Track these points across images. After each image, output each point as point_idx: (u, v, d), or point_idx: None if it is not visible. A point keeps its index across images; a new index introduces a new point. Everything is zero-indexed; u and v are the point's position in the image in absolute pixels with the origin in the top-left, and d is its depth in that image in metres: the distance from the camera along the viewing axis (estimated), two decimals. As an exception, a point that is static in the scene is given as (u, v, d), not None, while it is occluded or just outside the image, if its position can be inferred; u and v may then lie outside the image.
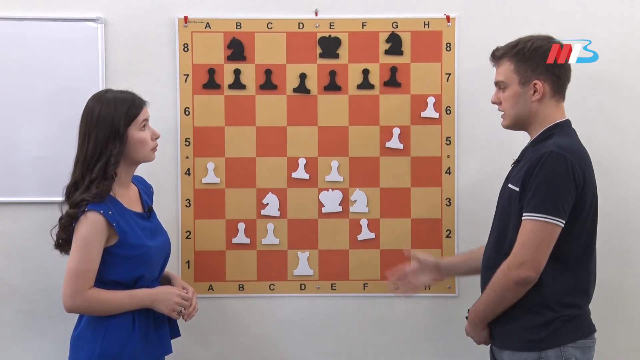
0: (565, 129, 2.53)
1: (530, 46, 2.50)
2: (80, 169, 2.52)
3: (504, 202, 2.56)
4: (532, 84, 2.50)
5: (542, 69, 2.50)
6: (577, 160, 2.43)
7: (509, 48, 2.54)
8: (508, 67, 2.53)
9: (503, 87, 2.56)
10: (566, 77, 2.55)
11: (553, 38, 2.55)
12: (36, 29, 3.02)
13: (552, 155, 2.39)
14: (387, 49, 3.07)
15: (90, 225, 2.47)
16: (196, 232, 3.11)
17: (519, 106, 2.54)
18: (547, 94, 2.51)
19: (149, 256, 2.58)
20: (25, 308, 3.10)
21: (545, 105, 2.52)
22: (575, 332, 2.48)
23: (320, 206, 3.11)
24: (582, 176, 2.43)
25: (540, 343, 2.46)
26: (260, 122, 3.09)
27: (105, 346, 2.51)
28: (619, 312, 3.14)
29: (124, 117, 2.53)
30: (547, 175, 2.39)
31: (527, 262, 2.40)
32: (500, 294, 2.47)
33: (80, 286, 2.48)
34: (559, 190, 2.39)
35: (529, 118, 2.54)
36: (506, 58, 2.54)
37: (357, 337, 3.16)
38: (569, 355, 2.45)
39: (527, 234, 2.40)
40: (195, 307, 2.69)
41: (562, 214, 2.39)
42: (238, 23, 3.06)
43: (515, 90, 2.53)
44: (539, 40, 2.52)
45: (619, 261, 3.13)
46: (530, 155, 2.49)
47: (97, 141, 2.50)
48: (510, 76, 2.53)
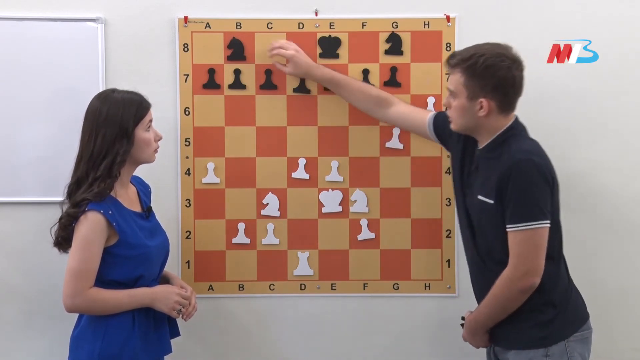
0: (518, 131, 2.58)
1: (482, 63, 2.48)
2: (84, 166, 2.52)
3: (478, 213, 2.60)
4: (478, 100, 2.51)
5: (489, 89, 2.50)
6: (544, 160, 2.50)
7: (462, 60, 2.52)
8: (458, 78, 2.54)
9: (453, 95, 2.58)
10: (515, 95, 2.56)
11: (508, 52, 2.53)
12: (36, 29, 3.01)
13: (522, 164, 2.45)
14: (387, 49, 3.07)
15: (91, 225, 2.48)
16: (196, 232, 3.11)
17: (465, 118, 2.57)
18: (493, 111, 2.53)
19: (148, 256, 2.59)
20: (25, 308, 3.10)
21: (492, 119, 2.55)
22: (576, 321, 2.57)
23: (320, 206, 3.11)
24: (551, 175, 2.50)
25: (546, 340, 2.52)
26: (260, 122, 3.09)
27: (105, 346, 2.52)
28: (619, 312, 3.14)
29: (133, 117, 2.55)
30: (524, 185, 2.44)
31: (529, 271, 2.46)
32: (505, 304, 2.53)
33: (81, 286, 2.48)
34: (539, 195, 2.45)
35: (475, 128, 2.59)
36: (458, 69, 2.54)
37: (357, 337, 3.16)
38: (571, 350, 2.52)
39: (521, 244, 2.46)
40: (194, 307, 2.70)
41: (547, 215, 2.46)
42: (238, 23, 3.06)
43: (462, 103, 2.55)
44: (492, 57, 2.49)
45: (619, 261, 3.13)
46: (491, 165, 2.54)
47: (105, 139, 2.51)
48: (460, 88, 2.54)
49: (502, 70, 2.49)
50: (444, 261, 3.13)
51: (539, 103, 3.07)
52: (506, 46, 2.56)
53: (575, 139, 3.09)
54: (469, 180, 2.66)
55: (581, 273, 2.78)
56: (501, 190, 2.47)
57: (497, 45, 2.55)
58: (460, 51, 2.57)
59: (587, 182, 3.10)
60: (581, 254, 3.06)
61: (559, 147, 3.06)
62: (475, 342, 2.69)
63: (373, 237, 3.13)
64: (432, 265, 3.13)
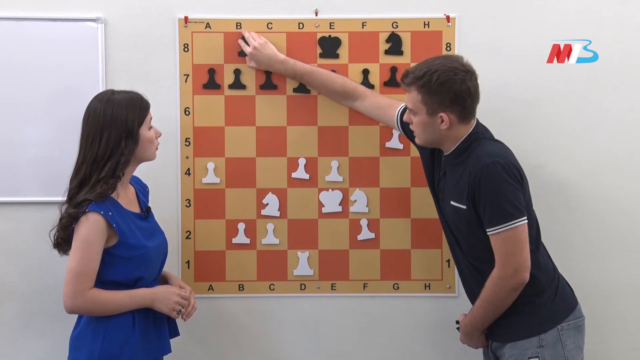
0: (480, 135, 2.61)
1: (436, 80, 2.51)
2: (88, 169, 2.52)
3: (453, 218, 2.64)
4: (438, 115, 2.54)
5: (447, 103, 2.53)
6: (509, 160, 2.54)
7: (416, 78, 2.55)
8: (416, 96, 2.56)
9: (413, 113, 2.61)
10: (473, 104, 2.59)
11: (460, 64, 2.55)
12: (36, 29, 3.01)
13: (489, 167, 2.49)
14: (387, 49, 3.07)
15: (91, 225, 2.48)
16: (196, 232, 3.11)
17: (428, 133, 2.61)
18: (454, 122, 2.57)
19: (148, 256, 2.59)
20: (25, 308, 3.10)
21: (454, 130, 2.59)
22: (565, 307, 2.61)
23: (320, 206, 3.11)
24: (518, 172, 2.54)
25: (538, 328, 2.56)
26: (260, 122, 3.09)
27: (106, 346, 2.52)
28: (619, 312, 3.14)
29: (137, 117, 2.56)
30: (495, 188, 2.49)
31: (519, 268, 2.50)
32: (497, 304, 2.57)
33: (81, 286, 2.48)
34: (511, 194, 2.49)
35: (440, 140, 2.62)
36: (414, 87, 2.56)
37: (357, 337, 3.16)
38: (565, 338, 2.56)
39: (504, 244, 2.50)
40: (193, 306, 2.71)
41: (523, 212, 2.51)
42: (238, 23, 3.06)
43: (423, 119, 2.58)
44: (445, 72, 2.52)
45: (618, 261, 3.13)
46: (458, 170, 2.58)
47: (110, 141, 2.51)
48: (419, 106, 2.57)
49: (457, 84, 2.52)
50: (444, 261, 3.13)
51: (539, 103, 3.07)
52: (457, 57, 2.60)
53: (575, 139, 3.09)
54: (439, 186, 2.71)
55: (580, 273, 2.78)
56: (473, 195, 2.52)
57: (448, 59, 2.59)
58: (413, 69, 2.59)
59: (587, 182, 3.10)
60: (581, 253, 3.06)
61: (559, 147, 3.07)
62: (473, 343, 2.72)
63: (373, 237, 3.13)
64: (432, 265, 3.13)
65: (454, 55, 2.63)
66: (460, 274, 2.77)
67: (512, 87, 3.07)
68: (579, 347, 2.61)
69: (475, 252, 2.62)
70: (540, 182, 3.00)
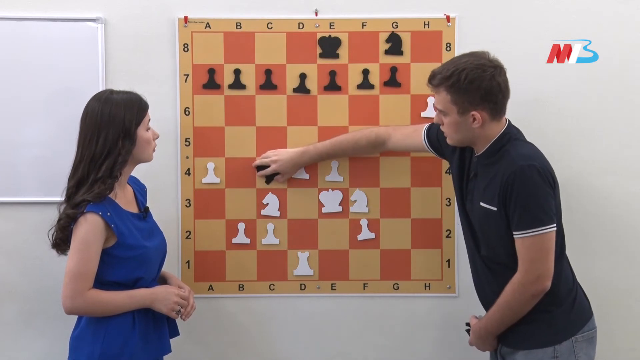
0: (514, 135, 2.58)
1: (465, 78, 2.48)
2: (85, 168, 2.52)
3: (481, 220, 2.60)
4: (470, 114, 2.52)
5: (478, 100, 2.50)
6: (544, 164, 2.51)
7: (444, 78, 2.52)
8: (445, 97, 2.53)
9: (443, 114, 2.58)
10: (504, 99, 2.56)
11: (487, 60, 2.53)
12: (36, 29, 3.01)
13: (525, 170, 2.46)
14: (387, 49, 3.07)
15: (89, 226, 2.48)
16: (196, 232, 3.11)
17: (460, 132, 2.58)
18: (487, 120, 2.54)
19: (147, 257, 2.59)
20: (24, 308, 3.10)
21: (487, 128, 2.55)
22: (581, 319, 2.59)
23: (320, 206, 3.11)
24: (552, 177, 2.51)
25: (553, 338, 2.54)
26: (260, 122, 3.09)
27: (106, 346, 2.52)
28: (619, 312, 3.14)
29: (135, 117, 2.56)
30: (529, 191, 2.45)
31: (541, 275, 2.47)
32: (516, 309, 2.54)
33: (80, 287, 2.48)
34: (544, 199, 2.46)
35: (472, 139, 2.59)
36: (442, 88, 2.53)
37: (357, 337, 3.16)
38: (578, 350, 2.54)
39: (531, 249, 2.46)
40: (192, 306, 2.70)
41: (553, 219, 2.48)
42: (238, 23, 3.06)
43: (455, 119, 2.55)
44: (473, 70, 2.49)
45: (619, 261, 3.13)
46: (491, 171, 2.54)
47: (107, 140, 2.51)
48: (449, 106, 2.54)
49: (486, 81, 2.49)
50: (444, 261, 3.13)
51: (539, 103, 3.07)
52: (483, 53, 2.56)
53: (575, 139, 3.09)
54: (468, 187, 2.67)
55: (581, 273, 2.77)
56: (505, 197, 2.48)
57: (474, 56, 2.55)
58: (440, 69, 2.55)
59: (587, 182, 3.10)
60: (581, 254, 3.05)
61: (559, 147, 3.07)
62: (485, 346, 2.70)
63: (373, 237, 3.13)
64: (432, 265, 3.13)
65: (480, 52, 2.57)
66: (476, 279, 2.73)
67: (512, 87, 3.04)
68: (590, 358, 2.59)
69: (496, 257, 2.58)
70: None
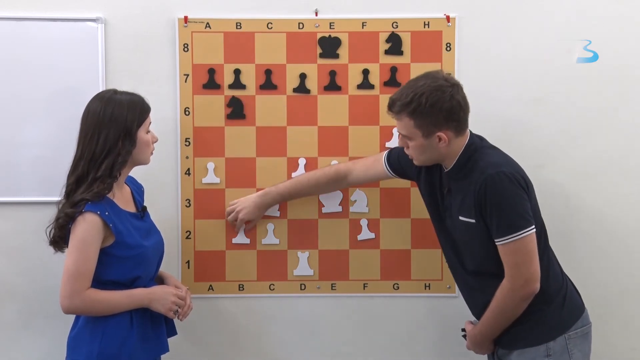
0: (478, 144, 2.59)
1: (426, 102, 2.48)
2: (85, 165, 2.52)
3: (462, 234, 2.60)
4: (435, 136, 2.52)
5: (442, 122, 2.51)
6: (513, 169, 2.51)
7: (404, 105, 2.51)
8: (408, 122, 2.54)
9: (407, 138, 2.58)
10: (465, 115, 2.57)
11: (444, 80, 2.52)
12: (36, 29, 3.01)
13: (494, 178, 2.46)
14: (387, 49, 3.07)
15: (87, 226, 2.48)
16: (196, 232, 3.11)
17: (428, 153, 2.59)
18: (452, 138, 2.55)
19: (144, 256, 2.59)
20: (24, 308, 3.10)
21: (452, 144, 2.56)
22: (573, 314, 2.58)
23: (320, 206, 3.11)
24: (523, 180, 2.52)
25: (546, 335, 2.54)
26: (260, 122, 3.09)
27: (104, 346, 2.52)
28: (619, 312, 3.14)
29: (137, 118, 2.56)
30: (501, 198, 2.46)
31: (529, 278, 2.48)
32: (509, 314, 2.55)
33: (78, 287, 2.48)
34: (518, 203, 2.47)
35: (439, 157, 2.61)
36: (404, 114, 2.53)
37: (357, 337, 3.16)
38: (572, 347, 2.54)
39: (514, 254, 2.47)
40: (189, 306, 2.70)
41: (531, 221, 2.48)
42: (238, 23, 3.06)
43: (420, 142, 2.56)
44: (433, 93, 2.49)
45: (619, 261, 3.13)
46: (463, 184, 2.55)
47: (107, 139, 2.52)
48: (413, 131, 2.55)
49: (447, 102, 2.49)
50: (444, 261, 3.12)
51: (539, 103, 3.07)
52: (437, 73, 2.56)
53: (575, 138, 3.09)
54: (444, 203, 2.68)
55: (581, 273, 2.78)
56: (480, 208, 2.49)
57: (430, 77, 2.54)
58: (398, 96, 2.55)
59: (587, 182, 3.10)
60: (581, 254, 3.06)
61: (558, 147, 3.07)
62: (482, 350, 2.71)
63: (373, 237, 3.12)
64: (432, 265, 3.13)
65: (434, 72, 2.58)
66: (465, 293, 2.74)
67: (512, 87, 3.07)
68: (585, 355, 2.60)
69: (484, 269, 2.58)
70: (540, 182, 2.98)
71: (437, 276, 3.13)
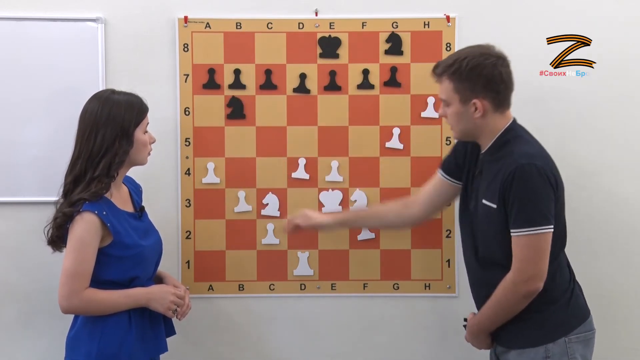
0: (518, 132, 2.57)
1: (466, 66, 2.49)
2: (83, 164, 2.52)
3: (481, 218, 2.58)
4: (471, 102, 2.51)
5: (480, 88, 2.50)
6: (546, 164, 2.48)
7: (446, 66, 2.54)
8: (448, 85, 2.54)
9: (446, 104, 2.58)
10: (507, 90, 2.55)
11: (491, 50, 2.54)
12: (36, 29, 3.02)
13: (525, 169, 2.43)
14: (387, 49, 3.07)
15: (85, 225, 2.48)
16: (196, 232, 3.11)
17: (463, 122, 2.57)
18: (488, 110, 2.53)
19: (142, 256, 2.59)
20: (24, 308, 3.10)
21: (489, 119, 2.54)
22: (575, 318, 2.56)
23: (320, 206, 3.11)
24: (554, 178, 2.49)
25: (545, 337, 2.52)
26: (260, 122, 3.09)
27: (103, 346, 2.52)
28: (619, 312, 3.14)
29: (134, 119, 2.56)
30: (527, 190, 2.43)
31: (533, 276, 2.46)
32: (508, 309, 2.53)
33: (76, 287, 2.48)
34: (543, 200, 2.44)
35: (475, 131, 2.58)
36: (445, 77, 2.55)
37: (357, 337, 3.16)
38: (573, 351, 2.51)
39: (525, 248, 2.45)
40: (188, 306, 2.70)
41: (551, 220, 2.45)
42: (238, 23, 3.06)
43: (457, 109, 2.55)
44: (475, 57, 2.50)
45: (619, 261, 3.13)
46: (494, 168, 2.52)
47: (105, 139, 2.52)
48: (451, 95, 2.55)
49: (488, 68, 2.49)
50: (444, 261, 3.13)
51: (539, 103, 3.07)
52: (488, 45, 2.57)
53: (575, 139, 3.09)
54: (473, 185, 2.66)
55: (581, 273, 2.77)
56: (504, 195, 2.46)
57: (478, 47, 2.57)
58: (444, 60, 2.58)
59: (586, 182, 3.10)
60: (581, 254, 3.05)
61: (558, 147, 3.05)
62: (478, 344, 2.69)
63: (373, 237, 3.12)
64: (432, 265, 3.13)
65: (486, 44, 2.58)
66: (472, 280, 2.71)
67: (512, 87, 3.07)
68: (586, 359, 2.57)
69: (493, 258, 2.55)
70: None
71: (437, 276, 3.13)
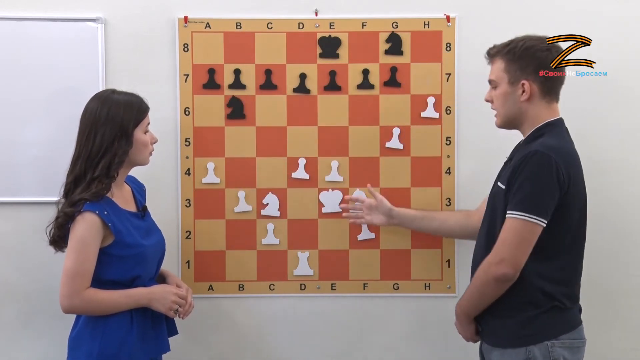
0: (557, 129, 2.53)
1: (522, 46, 2.50)
2: (83, 165, 2.53)
3: (492, 199, 2.58)
4: (520, 83, 2.51)
5: (530, 70, 2.50)
6: (563, 160, 2.42)
7: (502, 46, 2.56)
8: (499, 65, 2.55)
9: (494, 85, 2.58)
10: (557, 80, 2.54)
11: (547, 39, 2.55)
12: (36, 29, 3.01)
13: (537, 155, 2.40)
14: (387, 49, 3.07)
15: (87, 225, 2.48)
16: (196, 232, 3.11)
17: (508, 105, 2.55)
18: (535, 95, 2.52)
19: (144, 255, 2.59)
20: (24, 308, 3.10)
21: (535, 106, 2.53)
22: (561, 325, 2.49)
23: (320, 206, 3.11)
24: (567, 176, 2.43)
25: (527, 338, 2.47)
26: (260, 122, 3.09)
27: (104, 346, 2.52)
28: (618, 312, 3.14)
29: (134, 118, 2.56)
30: (530, 174, 2.40)
31: (506, 259, 2.41)
32: (480, 289, 2.50)
33: (77, 286, 2.48)
34: (541, 189, 2.40)
35: (519, 117, 2.56)
36: (498, 56, 2.56)
37: (357, 337, 3.16)
38: (557, 355, 2.45)
39: (508, 231, 2.42)
40: (191, 304, 2.70)
41: (543, 213, 2.39)
42: (238, 23, 3.06)
43: (504, 89, 2.54)
44: (532, 40, 2.53)
45: (618, 262, 3.14)
46: (517, 156, 2.51)
47: (104, 139, 2.52)
48: (501, 75, 2.55)
49: (542, 51, 2.50)
50: (444, 261, 3.13)
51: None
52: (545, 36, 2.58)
53: (575, 138, 3.08)
54: (500, 173, 2.64)
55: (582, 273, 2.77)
56: (512, 176, 2.44)
57: (535, 35, 2.57)
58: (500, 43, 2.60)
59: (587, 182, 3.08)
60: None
61: (559, 147, 3.07)
62: (463, 330, 2.65)
63: (373, 237, 3.12)
64: (432, 265, 3.13)
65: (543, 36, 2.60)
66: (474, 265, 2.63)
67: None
68: None
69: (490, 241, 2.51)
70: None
71: (437, 276, 3.13)
